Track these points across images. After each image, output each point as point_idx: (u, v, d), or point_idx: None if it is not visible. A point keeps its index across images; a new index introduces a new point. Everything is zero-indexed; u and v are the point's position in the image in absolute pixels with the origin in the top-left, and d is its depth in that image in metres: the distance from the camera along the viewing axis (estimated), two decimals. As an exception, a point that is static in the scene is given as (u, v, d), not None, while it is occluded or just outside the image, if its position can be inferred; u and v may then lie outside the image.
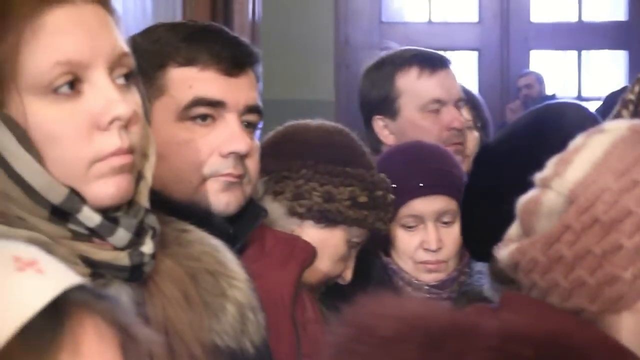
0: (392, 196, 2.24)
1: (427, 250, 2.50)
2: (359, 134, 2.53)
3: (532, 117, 2.28)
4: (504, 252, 1.46)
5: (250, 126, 1.84)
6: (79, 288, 0.98)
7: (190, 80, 1.80)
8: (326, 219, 2.15)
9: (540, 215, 1.43)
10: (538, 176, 1.46)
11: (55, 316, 0.95)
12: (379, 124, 2.97)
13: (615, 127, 1.44)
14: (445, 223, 2.51)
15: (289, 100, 7.20)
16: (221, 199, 1.79)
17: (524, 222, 1.45)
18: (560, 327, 1.33)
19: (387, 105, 2.97)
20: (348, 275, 2.18)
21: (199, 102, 1.79)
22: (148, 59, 1.71)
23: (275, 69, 7.76)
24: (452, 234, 2.50)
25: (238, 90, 1.81)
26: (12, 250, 1.01)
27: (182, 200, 1.76)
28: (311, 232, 2.11)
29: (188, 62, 1.79)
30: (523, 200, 1.46)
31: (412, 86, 2.95)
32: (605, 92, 5.38)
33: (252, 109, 1.82)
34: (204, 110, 1.78)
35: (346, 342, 1.35)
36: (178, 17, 4.37)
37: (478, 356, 1.28)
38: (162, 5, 4.27)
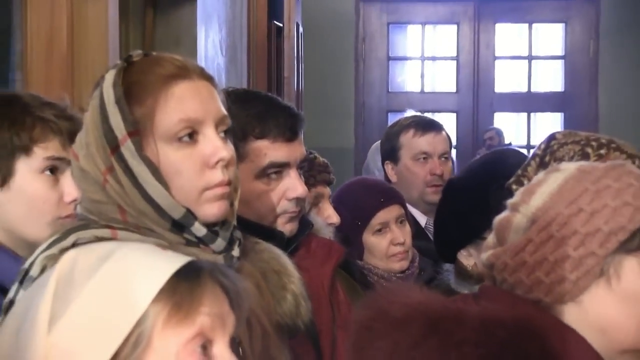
0: None
1: (396, 245, 2.79)
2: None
3: (484, 159, 2.44)
4: (483, 255, 1.54)
5: (300, 170, 2.10)
6: (200, 262, 1.21)
7: (265, 150, 2.04)
8: None
9: (510, 231, 1.51)
10: (510, 202, 1.54)
11: (192, 276, 1.17)
12: (389, 167, 3.42)
13: (568, 168, 1.52)
14: (402, 223, 2.84)
15: (320, 148, 6.65)
16: (287, 228, 2.07)
17: (498, 234, 1.53)
18: (525, 313, 1.39)
19: (393, 154, 3.43)
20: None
21: (272, 165, 2.04)
22: (233, 132, 1.87)
23: (311, 124, 7.16)
24: (407, 231, 2.85)
25: (295, 150, 2.07)
26: (153, 242, 1.26)
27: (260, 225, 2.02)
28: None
29: (262, 136, 2.03)
30: (498, 218, 1.55)
31: (409, 142, 3.40)
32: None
33: (304, 160, 2.09)
34: (275, 170, 2.04)
35: (366, 320, 1.42)
36: (244, 86, 4.89)
37: (464, 335, 1.34)
38: (232, 77, 4.88)
